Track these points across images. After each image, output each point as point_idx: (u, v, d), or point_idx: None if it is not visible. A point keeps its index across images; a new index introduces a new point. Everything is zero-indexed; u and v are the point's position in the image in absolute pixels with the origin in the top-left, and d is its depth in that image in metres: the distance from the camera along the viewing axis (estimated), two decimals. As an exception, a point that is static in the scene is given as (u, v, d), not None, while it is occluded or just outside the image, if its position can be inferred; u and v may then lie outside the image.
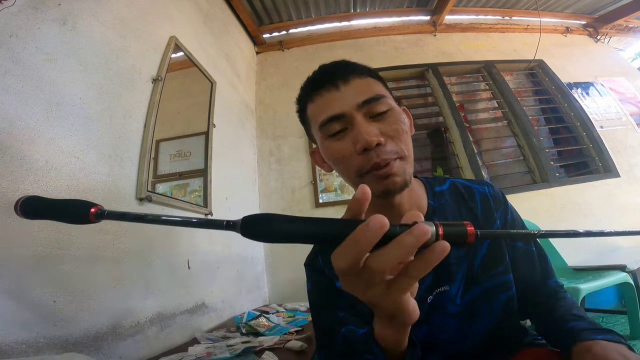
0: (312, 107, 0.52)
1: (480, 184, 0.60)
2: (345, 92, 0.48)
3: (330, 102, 0.48)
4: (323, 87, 0.50)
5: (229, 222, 0.27)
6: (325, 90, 0.49)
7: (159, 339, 1.00)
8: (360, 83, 0.49)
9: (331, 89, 0.49)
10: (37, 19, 0.81)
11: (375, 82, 0.51)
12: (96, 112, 0.94)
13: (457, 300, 0.52)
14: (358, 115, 0.47)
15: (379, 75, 0.54)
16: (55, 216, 0.31)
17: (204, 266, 1.35)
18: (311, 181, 2.23)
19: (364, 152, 0.46)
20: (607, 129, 2.45)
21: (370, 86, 0.49)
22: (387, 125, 0.47)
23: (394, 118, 0.48)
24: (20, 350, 0.61)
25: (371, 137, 0.44)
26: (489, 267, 0.53)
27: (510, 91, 2.53)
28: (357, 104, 0.47)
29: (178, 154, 1.40)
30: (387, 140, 0.46)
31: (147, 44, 1.25)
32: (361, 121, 0.46)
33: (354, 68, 0.51)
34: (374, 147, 0.45)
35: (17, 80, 0.72)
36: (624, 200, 2.19)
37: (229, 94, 2.02)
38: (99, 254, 0.85)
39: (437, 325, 0.52)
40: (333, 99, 0.48)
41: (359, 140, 0.45)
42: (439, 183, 0.61)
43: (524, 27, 2.97)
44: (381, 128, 0.47)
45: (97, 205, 0.30)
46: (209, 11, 1.93)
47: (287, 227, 0.26)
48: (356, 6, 2.73)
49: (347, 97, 0.48)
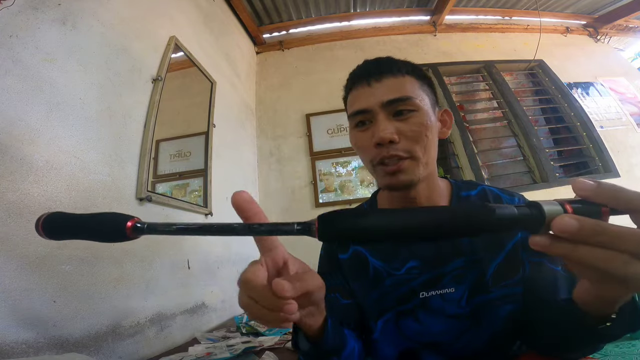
0: (350, 97, 0.57)
1: (510, 195, 0.60)
2: (376, 89, 0.52)
3: (360, 97, 0.53)
4: (359, 82, 0.54)
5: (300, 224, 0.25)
6: (360, 85, 0.54)
7: (159, 339, 1.00)
8: (392, 82, 0.52)
9: (364, 85, 0.53)
10: (37, 19, 0.81)
11: (411, 81, 0.53)
12: (96, 112, 0.94)
13: (463, 302, 0.52)
14: (381, 113, 0.51)
15: (421, 73, 0.56)
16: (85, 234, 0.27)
17: (204, 266, 1.35)
18: (311, 181, 2.23)
19: (378, 146, 0.50)
20: (607, 129, 2.45)
21: (402, 86, 0.52)
22: (407, 126, 0.50)
23: (417, 120, 0.50)
24: (20, 350, 0.61)
25: (385, 134, 0.48)
26: (501, 277, 0.52)
27: (510, 91, 2.53)
28: (382, 102, 0.51)
29: (178, 154, 1.40)
30: (402, 140, 0.50)
31: (147, 44, 1.25)
32: (382, 118, 0.50)
33: (391, 66, 0.53)
34: (387, 143, 0.49)
35: (17, 80, 0.72)
36: (624, 200, 2.19)
37: (229, 94, 2.02)
38: (99, 254, 0.85)
39: (434, 327, 0.52)
40: (363, 95, 0.53)
41: (375, 135, 0.50)
42: (469, 187, 0.61)
43: (524, 27, 2.97)
44: (400, 127, 0.50)
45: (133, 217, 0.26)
46: (209, 11, 1.93)
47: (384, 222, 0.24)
48: (356, 6, 2.73)
49: (375, 95, 0.51)
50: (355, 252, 0.59)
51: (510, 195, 0.60)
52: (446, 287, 0.52)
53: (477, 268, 0.52)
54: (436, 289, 0.52)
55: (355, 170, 2.25)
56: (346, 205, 2.14)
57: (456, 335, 0.52)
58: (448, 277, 0.52)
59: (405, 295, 0.53)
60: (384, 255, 0.57)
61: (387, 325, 0.55)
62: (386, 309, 0.55)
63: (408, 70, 0.54)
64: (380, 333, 0.55)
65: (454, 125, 2.36)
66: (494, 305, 0.51)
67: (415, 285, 0.53)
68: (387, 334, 0.55)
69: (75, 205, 0.81)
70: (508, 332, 0.51)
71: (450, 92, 2.51)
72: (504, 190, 0.61)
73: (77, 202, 0.81)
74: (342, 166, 2.26)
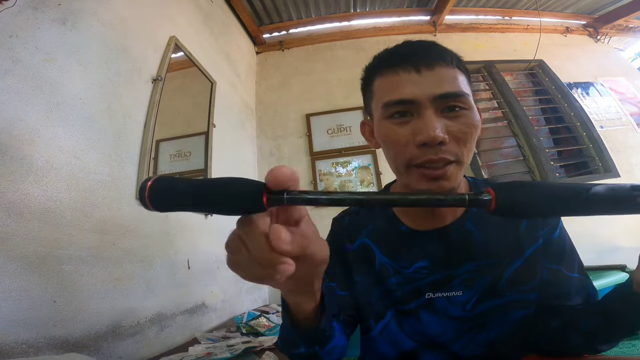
0: (382, 81, 0.48)
1: None
2: (426, 78, 0.44)
3: (405, 84, 0.44)
4: (402, 65, 0.45)
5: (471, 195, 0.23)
6: (404, 70, 0.45)
7: (159, 339, 1.00)
8: (445, 72, 0.45)
9: (410, 70, 0.44)
10: (37, 19, 0.81)
11: (462, 75, 0.47)
12: (96, 112, 0.94)
13: (469, 306, 0.50)
14: (430, 107, 0.43)
15: (466, 68, 0.49)
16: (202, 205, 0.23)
17: (204, 266, 1.35)
18: (311, 181, 2.23)
19: (423, 146, 0.43)
20: (607, 129, 2.45)
21: (456, 78, 0.45)
22: (457, 125, 0.43)
23: (468, 120, 0.44)
24: (20, 350, 0.61)
25: (437, 134, 0.41)
26: (518, 282, 0.50)
27: (510, 91, 2.53)
28: (434, 95, 0.43)
29: (178, 154, 1.40)
30: (451, 141, 0.43)
31: (147, 44, 1.25)
32: (431, 114, 0.43)
33: (443, 54, 0.46)
34: (436, 144, 0.42)
35: (17, 80, 0.72)
36: (624, 200, 2.19)
37: (229, 94, 2.02)
38: (99, 254, 0.85)
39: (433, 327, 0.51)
40: (409, 82, 0.44)
41: (422, 133, 0.42)
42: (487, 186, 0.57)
43: (524, 27, 2.97)
44: (450, 127, 0.43)
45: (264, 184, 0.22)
46: (209, 11, 1.93)
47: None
48: (356, 6, 2.73)
49: (426, 85, 0.43)
50: (362, 244, 0.57)
51: None
52: (454, 290, 0.50)
53: (490, 273, 0.50)
54: (443, 291, 0.51)
55: (355, 170, 2.25)
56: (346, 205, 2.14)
57: (455, 336, 0.51)
58: (457, 280, 0.51)
59: (410, 294, 0.52)
60: (392, 251, 0.55)
61: (389, 324, 0.54)
62: (388, 307, 0.54)
63: (457, 62, 0.47)
64: (380, 332, 0.55)
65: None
66: (504, 310, 0.50)
67: (423, 285, 0.52)
68: (388, 333, 0.54)
69: (75, 205, 0.81)
70: (514, 337, 0.51)
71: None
72: None
73: (77, 202, 0.81)
74: (342, 166, 2.26)
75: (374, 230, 0.58)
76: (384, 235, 0.57)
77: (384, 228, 0.57)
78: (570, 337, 0.46)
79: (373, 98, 0.50)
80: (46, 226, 0.72)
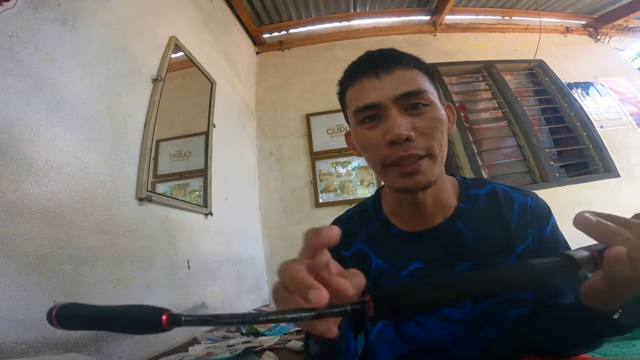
0: (351, 91, 0.52)
1: (523, 195, 0.55)
2: (386, 82, 0.47)
3: (368, 90, 0.48)
4: (364, 74, 0.49)
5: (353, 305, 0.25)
6: (366, 77, 0.49)
7: (159, 339, 0.99)
8: (403, 74, 0.48)
9: (372, 77, 0.48)
10: (37, 19, 0.81)
11: (421, 75, 0.50)
12: (96, 112, 0.94)
13: (467, 308, 0.50)
14: (393, 107, 0.46)
15: (427, 68, 0.52)
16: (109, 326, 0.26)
17: (204, 266, 1.35)
18: (311, 181, 2.23)
19: (392, 145, 0.46)
20: (607, 129, 2.45)
21: (414, 79, 0.48)
22: (422, 121, 0.46)
23: (432, 115, 0.47)
24: (20, 350, 0.61)
25: (401, 131, 0.44)
26: None
27: (510, 91, 2.53)
28: (394, 96, 0.46)
29: (178, 154, 1.40)
30: (418, 137, 0.46)
31: (147, 44, 1.25)
32: (395, 114, 0.46)
33: (399, 58, 0.50)
34: (403, 141, 0.45)
35: (17, 80, 0.72)
36: (624, 200, 2.19)
37: (229, 94, 2.02)
38: (99, 254, 0.85)
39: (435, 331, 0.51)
40: (372, 88, 0.48)
41: (389, 132, 0.45)
42: (478, 186, 0.57)
43: (524, 27, 2.97)
44: (415, 123, 0.46)
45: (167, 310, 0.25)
46: (209, 11, 1.93)
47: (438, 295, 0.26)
48: (356, 6, 2.73)
49: (386, 88, 0.47)
50: (358, 250, 0.57)
51: (523, 194, 0.55)
52: None
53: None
54: None
55: (355, 170, 2.25)
56: (346, 206, 2.14)
57: (457, 340, 0.50)
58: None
59: None
60: (387, 255, 0.55)
61: (386, 329, 0.54)
62: None
63: (416, 63, 0.51)
64: (376, 336, 0.54)
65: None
66: (500, 309, 0.50)
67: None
68: (385, 337, 0.54)
69: (75, 205, 0.81)
70: (513, 337, 0.50)
71: (450, 92, 2.51)
72: (516, 189, 0.57)
73: (77, 202, 0.81)
74: (342, 166, 2.26)
75: (368, 235, 0.58)
76: (378, 238, 0.57)
77: (377, 232, 0.57)
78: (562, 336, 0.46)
79: (347, 108, 0.54)
80: (46, 226, 0.72)
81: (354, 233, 0.59)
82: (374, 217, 0.59)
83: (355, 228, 0.60)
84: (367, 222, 0.59)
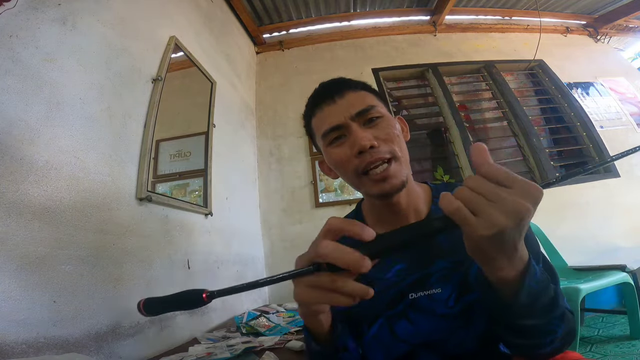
0: (315, 120, 0.59)
1: None
2: (341, 105, 0.55)
3: (329, 114, 0.56)
4: (323, 101, 0.57)
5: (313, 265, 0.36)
6: (325, 104, 0.57)
7: (159, 339, 1.00)
8: (353, 96, 0.56)
9: (330, 103, 0.56)
10: (37, 19, 0.81)
11: (368, 94, 0.58)
12: (96, 112, 0.94)
13: (451, 302, 0.52)
14: (353, 124, 0.54)
15: (372, 88, 0.61)
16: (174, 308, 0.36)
17: (204, 266, 1.35)
18: (311, 181, 2.23)
19: (360, 155, 0.52)
20: (607, 129, 2.45)
21: (363, 99, 0.56)
22: (380, 130, 0.54)
23: (386, 124, 0.55)
24: (20, 350, 0.61)
25: (365, 142, 0.51)
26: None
27: (510, 91, 2.53)
28: (351, 115, 0.54)
29: (178, 154, 1.40)
30: (380, 144, 0.52)
31: (147, 44, 1.25)
32: (356, 129, 0.53)
33: (347, 84, 0.59)
34: (368, 149, 0.51)
35: (17, 80, 0.72)
36: (624, 200, 2.19)
37: (229, 94, 2.02)
38: (99, 254, 0.85)
39: (424, 326, 0.52)
40: (331, 112, 0.56)
41: (355, 144, 0.52)
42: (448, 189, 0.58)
43: (524, 27, 2.97)
44: (374, 133, 0.53)
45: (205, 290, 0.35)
46: (209, 11, 1.93)
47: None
48: (356, 6, 2.73)
49: (343, 109, 0.55)
50: None
51: None
52: (433, 288, 0.52)
53: (461, 269, 0.52)
54: (424, 290, 0.53)
55: (355, 170, 2.25)
56: (346, 205, 2.14)
57: (447, 334, 0.52)
58: (434, 278, 0.53)
59: (396, 297, 0.54)
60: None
61: (380, 330, 0.55)
62: (378, 314, 0.55)
63: (362, 86, 0.59)
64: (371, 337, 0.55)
65: (454, 125, 2.36)
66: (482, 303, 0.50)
67: (404, 286, 0.54)
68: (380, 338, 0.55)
69: (75, 205, 0.81)
70: None
71: (450, 92, 2.51)
72: None
73: (77, 202, 0.81)
74: (342, 166, 2.26)
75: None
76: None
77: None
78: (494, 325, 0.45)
79: (315, 135, 0.61)
80: (46, 226, 0.72)
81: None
82: None
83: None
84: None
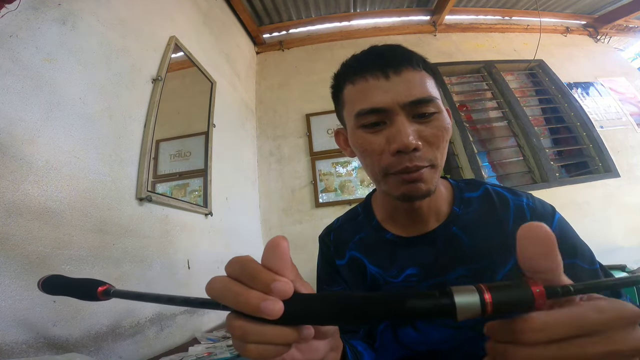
0: (352, 89, 0.47)
1: (516, 195, 0.53)
2: (395, 84, 0.43)
3: (375, 92, 0.44)
4: (370, 71, 0.45)
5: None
6: (373, 76, 0.44)
7: (159, 339, 0.99)
8: (413, 76, 0.44)
9: (379, 77, 0.44)
10: (37, 19, 0.81)
11: (429, 77, 0.46)
12: (96, 112, 0.94)
13: None
14: (401, 114, 0.43)
15: (433, 69, 0.48)
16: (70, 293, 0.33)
17: (204, 266, 1.35)
18: (311, 181, 2.23)
19: (397, 154, 0.43)
20: (607, 129, 2.45)
21: (424, 83, 0.44)
22: (429, 130, 0.44)
23: (439, 123, 0.44)
24: (20, 350, 0.61)
25: (410, 142, 0.41)
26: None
27: (510, 91, 2.53)
28: (404, 102, 0.43)
29: (178, 154, 1.40)
30: (424, 146, 0.43)
31: (147, 44, 1.25)
32: (403, 121, 0.43)
33: (409, 57, 0.45)
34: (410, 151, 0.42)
35: (17, 80, 0.72)
36: (624, 200, 2.19)
37: (229, 94, 2.02)
38: (99, 254, 0.85)
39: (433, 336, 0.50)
40: (379, 89, 0.44)
41: (396, 141, 0.42)
42: (471, 188, 0.55)
43: (524, 27, 2.97)
44: (422, 131, 0.43)
45: (106, 284, 0.31)
46: (209, 11, 1.93)
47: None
48: (356, 6, 2.73)
49: (395, 91, 0.43)
50: (352, 257, 0.57)
51: (516, 195, 0.53)
52: None
53: (484, 276, 0.48)
54: None
55: (355, 170, 2.25)
56: (346, 206, 2.14)
57: (456, 345, 0.49)
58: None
59: None
60: (380, 261, 0.54)
61: (384, 334, 0.53)
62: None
63: (424, 64, 0.46)
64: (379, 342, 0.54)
65: (454, 125, 2.36)
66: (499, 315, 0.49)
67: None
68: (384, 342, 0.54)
69: (75, 205, 0.81)
70: None
71: (450, 92, 2.51)
72: (511, 189, 0.54)
73: (77, 202, 0.81)
74: (342, 166, 2.26)
75: (360, 242, 0.57)
76: (371, 245, 0.56)
77: (370, 238, 0.57)
78: None
79: (344, 107, 0.50)
80: (46, 226, 0.72)
81: (346, 241, 0.58)
82: (366, 224, 0.58)
83: (347, 236, 0.59)
84: (359, 229, 0.58)
